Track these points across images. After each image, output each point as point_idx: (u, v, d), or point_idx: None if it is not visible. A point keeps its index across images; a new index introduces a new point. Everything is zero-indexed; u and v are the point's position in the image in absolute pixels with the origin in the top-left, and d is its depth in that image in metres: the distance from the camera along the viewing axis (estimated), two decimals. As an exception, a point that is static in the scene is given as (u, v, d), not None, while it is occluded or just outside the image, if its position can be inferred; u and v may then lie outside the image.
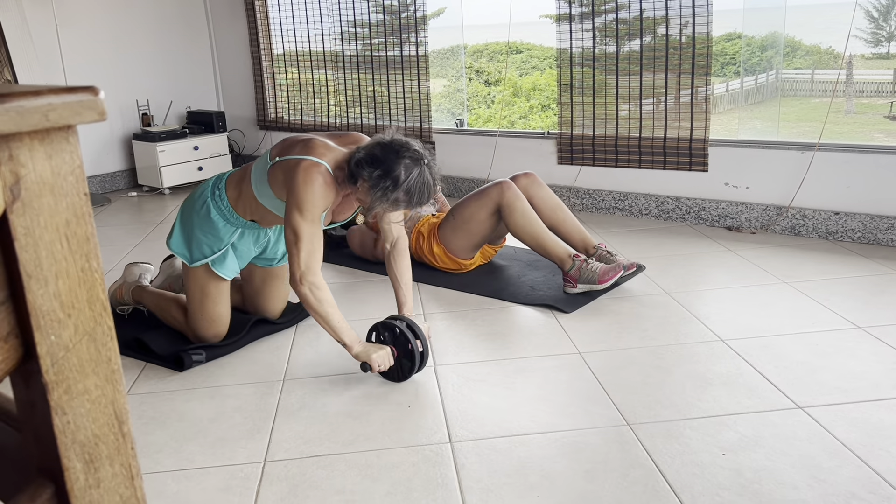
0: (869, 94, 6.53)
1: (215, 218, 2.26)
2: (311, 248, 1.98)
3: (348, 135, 2.18)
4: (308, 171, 1.98)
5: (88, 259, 0.65)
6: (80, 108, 0.60)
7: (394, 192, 1.94)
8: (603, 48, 3.75)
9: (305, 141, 2.09)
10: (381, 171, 1.94)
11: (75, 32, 4.82)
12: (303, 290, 1.99)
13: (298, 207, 1.98)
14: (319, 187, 1.98)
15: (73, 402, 0.65)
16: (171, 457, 1.81)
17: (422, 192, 1.97)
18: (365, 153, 1.99)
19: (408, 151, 1.96)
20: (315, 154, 2.03)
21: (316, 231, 2.00)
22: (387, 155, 1.95)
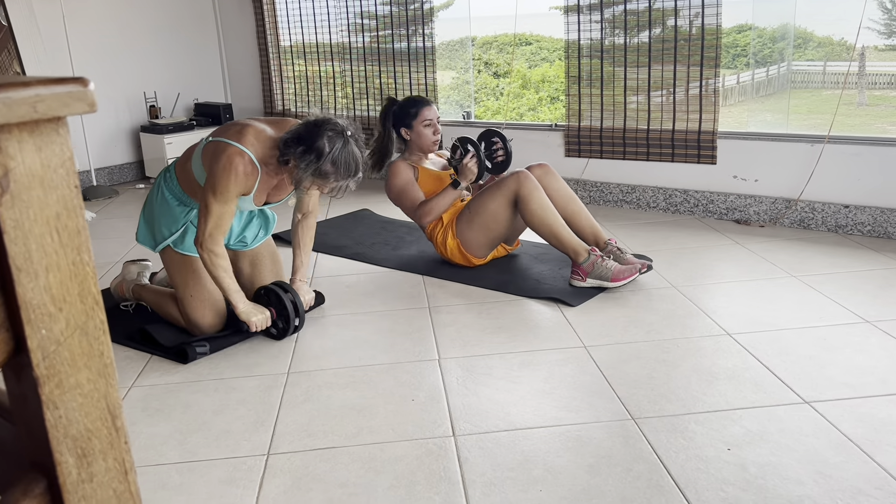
0: (882, 86, 6.47)
1: (169, 198, 2.40)
2: (217, 223, 2.19)
3: (285, 121, 2.32)
4: (230, 159, 2.15)
5: (80, 252, 0.64)
6: (69, 99, 0.59)
7: (318, 163, 2.09)
8: (611, 40, 3.72)
9: (241, 127, 2.24)
10: (305, 147, 2.10)
11: (83, 25, 4.82)
12: (202, 253, 2.22)
13: (213, 188, 2.17)
14: (237, 175, 2.15)
15: (65, 396, 0.64)
16: (175, 449, 1.81)
17: (348, 162, 2.13)
18: (290, 133, 2.16)
19: (329, 125, 2.12)
20: (244, 142, 2.18)
21: (226, 210, 2.19)
22: (309, 131, 2.12)
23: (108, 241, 3.74)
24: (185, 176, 2.36)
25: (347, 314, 2.63)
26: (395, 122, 3.10)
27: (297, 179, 2.18)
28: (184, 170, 2.36)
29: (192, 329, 2.42)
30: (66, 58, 4.70)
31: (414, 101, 3.09)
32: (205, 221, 2.19)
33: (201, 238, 2.21)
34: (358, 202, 4.32)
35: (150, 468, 1.73)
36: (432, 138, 3.08)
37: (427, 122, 3.06)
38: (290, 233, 3.62)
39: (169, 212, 2.40)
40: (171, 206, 2.40)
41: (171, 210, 2.40)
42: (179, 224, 2.41)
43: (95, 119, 4.97)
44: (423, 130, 3.06)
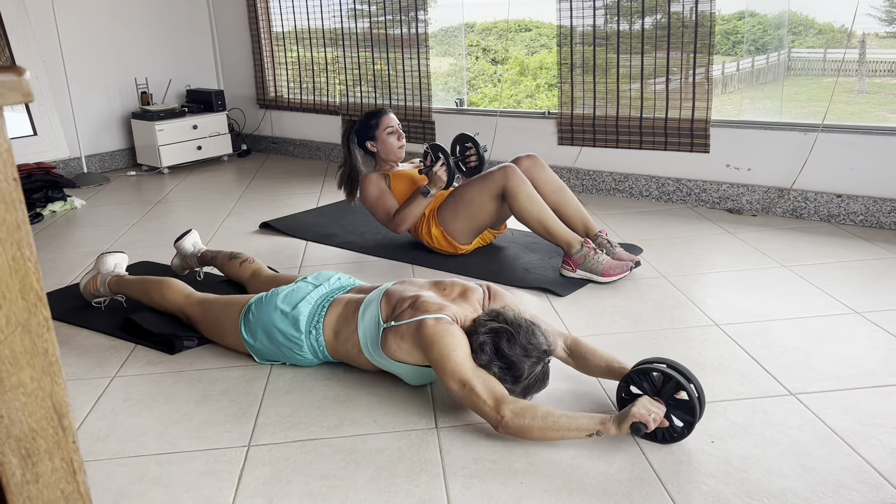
0: (882, 73, 6.41)
1: (306, 352, 2.08)
2: (483, 383, 1.73)
3: (448, 285, 2.02)
4: (437, 324, 1.81)
5: (20, 247, 0.62)
6: (2, 89, 0.57)
7: (513, 385, 1.78)
8: (604, 27, 3.68)
9: (413, 301, 1.92)
10: (503, 365, 1.76)
11: (72, 10, 4.77)
12: (510, 422, 1.68)
13: (446, 355, 1.76)
14: (455, 331, 1.81)
15: (7, 395, 0.63)
16: (155, 440, 1.80)
17: (538, 388, 1.84)
18: (491, 338, 1.78)
19: (536, 351, 1.77)
20: (431, 312, 1.86)
21: (470, 363, 1.76)
22: (513, 350, 1.76)
23: (98, 229, 3.72)
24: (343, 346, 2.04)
25: (335, 304, 2.61)
26: (359, 138, 3.13)
27: None
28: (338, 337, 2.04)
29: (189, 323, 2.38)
30: (55, 44, 4.66)
31: (373, 114, 3.14)
32: (477, 397, 1.72)
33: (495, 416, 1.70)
34: (350, 190, 4.30)
35: (129, 459, 1.72)
36: (397, 144, 3.10)
37: (390, 130, 3.10)
38: (280, 221, 3.60)
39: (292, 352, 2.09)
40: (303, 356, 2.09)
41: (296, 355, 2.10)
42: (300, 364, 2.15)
43: (86, 105, 4.93)
44: (387, 138, 3.09)
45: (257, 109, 5.58)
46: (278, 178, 4.76)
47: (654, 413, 1.63)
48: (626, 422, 1.62)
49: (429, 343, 1.80)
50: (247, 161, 5.37)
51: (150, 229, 3.67)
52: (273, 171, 4.96)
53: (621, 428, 1.63)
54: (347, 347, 2.02)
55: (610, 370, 1.84)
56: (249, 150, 5.60)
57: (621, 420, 1.63)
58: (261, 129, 5.62)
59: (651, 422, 1.61)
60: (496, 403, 1.70)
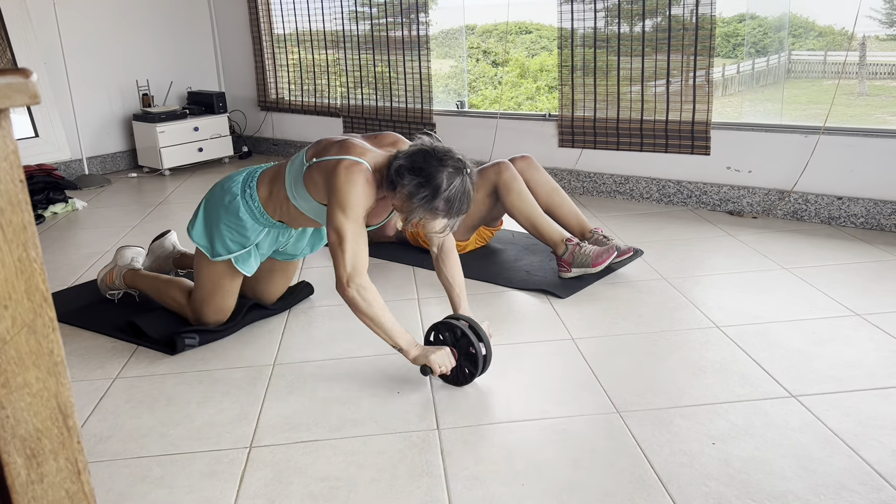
0: (883, 76, 6.42)
1: (244, 216, 2.19)
2: (356, 248, 1.89)
3: (383, 135, 2.11)
4: (350, 170, 1.91)
5: (26, 248, 0.62)
6: (8, 91, 0.57)
7: (433, 200, 1.85)
8: (605, 29, 3.69)
9: (341, 142, 2.02)
10: (422, 179, 1.85)
11: (74, 12, 4.78)
12: (350, 293, 1.88)
13: (341, 206, 1.89)
14: (362, 186, 1.91)
15: (12, 395, 0.63)
16: (157, 441, 1.80)
17: (462, 201, 1.89)
18: (407, 160, 1.89)
19: (451, 160, 1.87)
20: (354, 153, 1.95)
21: (360, 231, 1.91)
22: (429, 162, 1.86)
23: (99, 231, 3.72)
24: (274, 201, 2.15)
25: (335, 305, 2.61)
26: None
27: (405, 211, 1.94)
28: (271, 195, 2.15)
29: (193, 321, 2.40)
30: (57, 45, 4.67)
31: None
32: (342, 253, 1.88)
33: (344, 274, 1.88)
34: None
35: (132, 461, 1.72)
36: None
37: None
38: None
39: (240, 228, 2.21)
40: (245, 223, 2.20)
41: (242, 227, 2.20)
42: (250, 242, 2.24)
43: (87, 107, 4.94)
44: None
45: (258, 111, 5.59)
46: (279, 179, 4.75)
47: (444, 366, 1.94)
48: (422, 360, 1.94)
49: (334, 187, 1.92)
50: (248, 163, 5.38)
51: (152, 231, 3.67)
52: (274, 173, 4.96)
53: (417, 360, 1.95)
54: (280, 200, 2.14)
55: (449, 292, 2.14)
56: (250, 151, 5.61)
57: (422, 356, 1.94)
58: (262, 131, 5.63)
59: (437, 370, 1.94)
60: (352, 272, 1.89)
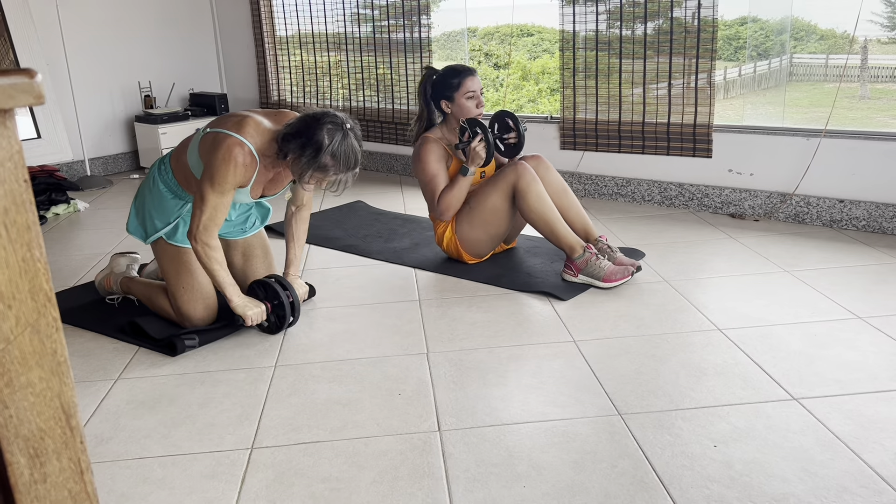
0: (884, 79, 6.43)
1: (163, 190, 2.36)
2: (212, 214, 2.16)
3: (284, 113, 2.28)
4: (230, 149, 2.11)
5: (30, 248, 0.63)
6: (13, 91, 0.57)
7: (318, 157, 2.06)
8: (606, 32, 3.69)
9: (240, 118, 2.20)
10: (303, 140, 2.07)
11: (76, 13, 4.79)
12: (196, 245, 2.19)
13: (210, 179, 2.14)
14: (236, 166, 2.12)
15: (16, 395, 0.63)
16: (158, 442, 1.80)
17: (347, 154, 2.10)
18: (289, 127, 2.12)
19: (328, 117, 2.09)
20: (244, 133, 2.15)
21: (222, 202, 2.16)
22: (308, 125, 2.08)
23: (101, 232, 3.73)
24: (181, 168, 2.32)
25: (337, 307, 2.62)
26: (434, 93, 2.89)
27: (297, 173, 2.14)
28: (179, 161, 2.33)
29: (183, 322, 2.40)
30: (59, 46, 4.68)
31: (456, 71, 2.87)
32: (200, 213, 2.16)
33: (195, 230, 2.17)
34: (352, 194, 4.30)
35: (133, 461, 1.72)
36: (476, 111, 2.86)
37: (470, 95, 2.84)
38: (282, 224, 3.61)
39: (162, 204, 2.37)
40: (165, 198, 2.36)
41: (164, 202, 2.37)
42: (172, 217, 2.37)
43: (90, 109, 4.95)
44: (465, 103, 2.84)
45: (260, 113, 5.59)
46: (281, 181, 4.76)
47: (255, 319, 2.30)
48: (240, 310, 2.28)
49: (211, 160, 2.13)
50: (249, 164, 5.37)
51: (153, 232, 3.67)
52: (276, 175, 4.96)
53: (235, 308, 2.28)
54: (186, 171, 2.29)
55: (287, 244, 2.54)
56: (252, 153, 5.61)
57: (240, 305, 2.28)
58: (263, 133, 5.63)
59: (248, 319, 2.29)
60: (202, 230, 2.16)
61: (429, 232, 3.42)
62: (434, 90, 2.90)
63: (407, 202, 4.11)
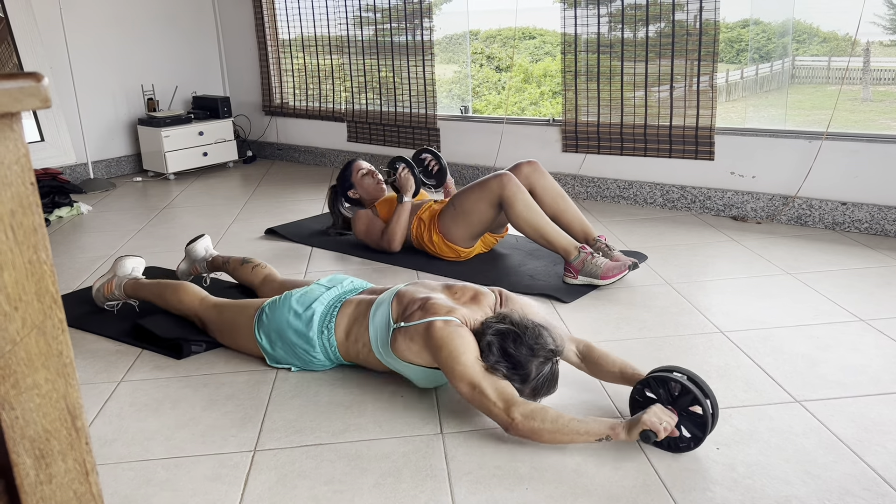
0: (886, 81, 6.42)
1: (318, 354, 2.10)
2: (494, 384, 1.74)
3: (463, 288, 2.03)
4: (446, 326, 1.82)
5: (36, 250, 0.63)
6: (20, 94, 0.58)
7: (521, 386, 1.77)
8: (608, 34, 3.70)
9: (423, 303, 1.92)
10: (510, 365, 1.76)
11: (79, 16, 4.81)
12: (520, 425, 1.69)
13: (456, 358, 1.77)
14: (464, 334, 1.81)
15: (22, 396, 0.63)
16: (161, 444, 1.80)
17: (548, 388, 1.81)
18: (498, 339, 1.78)
19: (543, 350, 1.77)
20: (440, 314, 1.87)
21: (482, 369, 1.76)
22: (519, 350, 1.77)
23: (104, 234, 3.74)
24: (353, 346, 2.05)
25: (340, 309, 2.62)
26: (342, 192, 3.35)
27: None
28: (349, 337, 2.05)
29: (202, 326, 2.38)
30: (62, 49, 4.69)
31: (343, 168, 3.35)
32: (487, 399, 1.72)
33: (503, 416, 1.71)
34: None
35: (136, 463, 1.72)
36: (373, 183, 3.31)
37: (363, 173, 3.30)
38: (286, 227, 3.62)
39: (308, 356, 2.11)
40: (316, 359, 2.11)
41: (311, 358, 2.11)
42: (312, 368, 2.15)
43: (93, 112, 4.96)
44: (363, 181, 3.31)
45: (263, 116, 5.61)
46: (283, 184, 4.77)
47: (665, 422, 1.62)
48: (637, 428, 1.63)
49: (438, 345, 1.80)
50: (252, 167, 5.39)
51: (156, 235, 3.68)
52: (278, 178, 4.98)
53: (631, 434, 1.64)
54: (358, 348, 2.03)
55: (624, 376, 1.84)
56: (255, 156, 5.63)
57: (632, 426, 1.64)
58: (266, 136, 5.65)
59: (662, 431, 1.61)
60: (506, 406, 1.70)
61: (431, 234, 3.42)
62: (341, 191, 3.36)
63: (409, 205, 4.11)
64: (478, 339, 1.81)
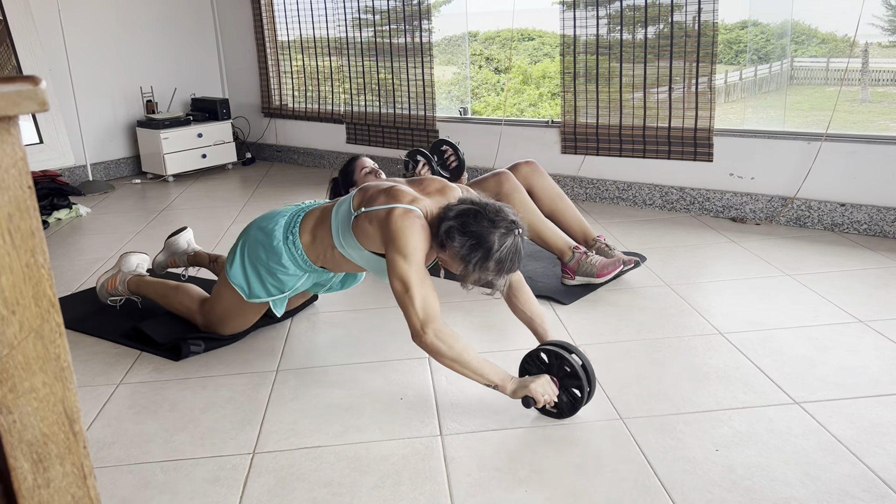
0: (885, 82, 6.43)
1: (286, 262, 2.13)
2: (424, 294, 1.82)
3: (428, 181, 2.06)
4: (405, 217, 1.86)
5: (34, 254, 0.63)
6: (18, 98, 0.58)
7: (486, 262, 1.79)
8: (607, 36, 3.70)
9: (388, 189, 1.96)
10: (473, 242, 1.79)
11: (78, 18, 4.81)
12: (428, 340, 1.80)
13: (402, 253, 1.83)
14: (419, 231, 1.85)
15: (19, 400, 0.63)
16: (160, 447, 1.80)
17: (513, 261, 1.83)
18: (457, 220, 1.82)
19: (503, 221, 1.81)
20: (403, 201, 1.91)
21: (425, 275, 1.84)
22: (480, 224, 1.80)
23: (103, 237, 3.73)
24: (318, 247, 2.10)
25: (339, 311, 2.62)
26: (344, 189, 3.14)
27: (457, 270, 1.87)
28: (315, 240, 2.10)
29: (203, 327, 2.39)
30: (61, 52, 4.69)
31: (347, 163, 3.19)
32: (410, 301, 1.81)
33: (417, 323, 1.81)
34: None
35: (135, 466, 1.72)
36: None
37: (367, 171, 3.14)
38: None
39: (281, 273, 2.15)
40: (287, 269, 2.15)
41: (284, 272, 2.15)
42: (289, 288, 2.20)
43: (92, 114, 4.96)
44: (365, 179, 3.12)
45: (262, 118, 5.61)
46: (282, 186, 4.77)
47: (548, 395, 1.82)
48: (523, 391, 1.82)
49: (391, 235, 1.86)
50: (251, 169, 5.39)
51: (155, 237, 3.68)
52: (277, 180, 4.98)
53: (516, 393, 1.83)
54: (324, 247, 2.09)
55: (531, 325, 2.02)
56: (254, 158, 5.62)
57: (520, 387, 1.83)
58: (265, 138, 5.64)
59: (541, 401, 1.81)
60: (425, 319, 1.81)
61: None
62: (343, 186, 3.12)
63: (408, 206, 4.11)
64: (438, 227, 1.85)
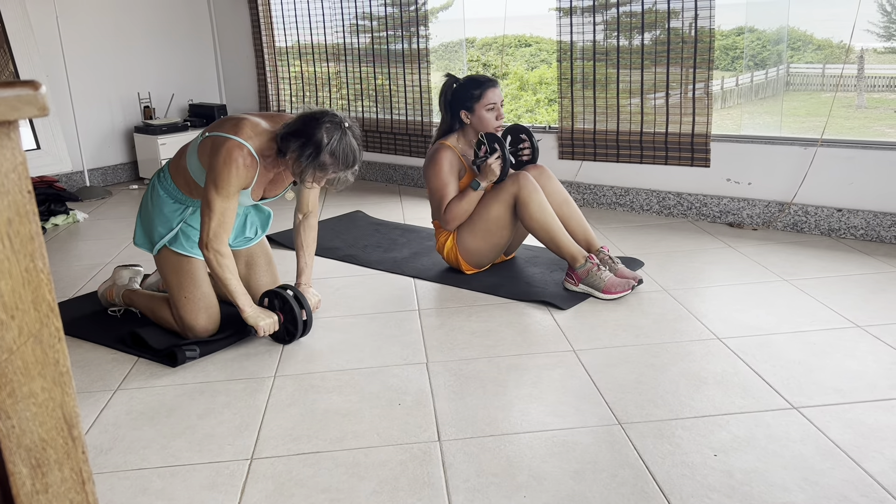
0: (881, 88, 6.46)
1: (163, 197, 2.38)
2: (221, 220, 2.17)
3: (280, 115, 2.31)
4: (230, 152, 2.13)
5: (33, 259, 0.63)
6: (18, 103, 0.58)
7: (319, 156, 2.08)
8: (604, 42, 3.71)
9: (237, 121, 2.21)
10: (303, 140, 2.09)
11: (76, 24, 4.81)
12: (208, 254, 2.20)
13: (214, 183, 2.15)
14: (238, 168, 2.13)
15: (18, 405, 0.63)
16: (157, 453, 1.79)
17: (346, 152, 2.12)
18: (288, 127, 2.14)
19: (326, 117, 2.11)
20: (242, 135, 2.16)
21: (229, 206, 2.17)
22: (307, 123, 2.11)
23: (100, 242, 3.73)
24: (180, 174, 2.34)
25: (337, 317, 2.62)
26: (454, 102, 2.84)
27: (297, 172, 2.15)
28: (178, 168, 2.35)
29: (186, 332, 2.40)
30: (59, 58, 4.69)
31: (477, 82, 2.81)
32: (208, 220, 2.17)
33: (206, 238, 2.18)
34: (352, 204, 4.31)
35: (132, 472, 1.71)
36: (495, 124, 2.82)
37: (490, 107, 2.79)
38: (283, 235, 3.62)
39: (163, 210, 2.39)
40: (166, 203, 2.39)
41: (166, 209, 2.39)
42: (175, 223, 2.39)
43: (89, 119, 4.96)
44: (485, 115, 2.80)
45: (259, 124, 5.60)
46: (280, 191, 4.77)
47: (266, 331, 2.30)
48: (251, 321, 2.28)
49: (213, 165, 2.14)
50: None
51: (153, 243, 3.67)
52: (275, 185, 4.97)
53: (247, 318, 2.28)
54: (183, 171, 2.32)
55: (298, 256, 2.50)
56: (251, 164, 5.62)
57: (252, 316, 2.28)
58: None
59: (261, 330, 2.28)
60: (213, 235, 2.17)
61: (428, 242, 3.42)
62: (454, 99, 2.84)
63: (406, 212, 4.12)
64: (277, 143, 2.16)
